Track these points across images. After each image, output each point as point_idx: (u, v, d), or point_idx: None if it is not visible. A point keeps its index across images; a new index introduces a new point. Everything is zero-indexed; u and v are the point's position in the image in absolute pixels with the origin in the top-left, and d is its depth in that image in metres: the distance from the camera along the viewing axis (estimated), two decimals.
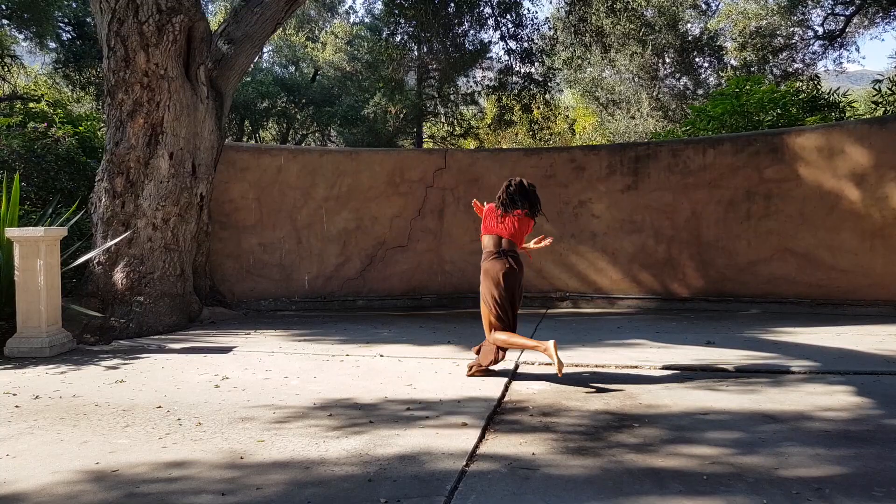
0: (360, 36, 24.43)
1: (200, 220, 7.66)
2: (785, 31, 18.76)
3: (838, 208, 7.75)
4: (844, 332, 6.28)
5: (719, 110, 10.62)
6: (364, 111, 21.97)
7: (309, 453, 3.08)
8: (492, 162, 9.15)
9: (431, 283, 9.07)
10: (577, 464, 2.94)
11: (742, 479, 2.73)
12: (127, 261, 6.87)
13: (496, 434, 3.39)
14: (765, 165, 8.12)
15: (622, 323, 7.25)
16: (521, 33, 14.27)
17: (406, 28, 14.78)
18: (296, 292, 8.74)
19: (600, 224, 8.76)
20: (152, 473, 2.86)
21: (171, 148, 7.10)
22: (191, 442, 3.26)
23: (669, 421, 3.56)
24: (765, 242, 8.12)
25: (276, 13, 8.09)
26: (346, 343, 6.05)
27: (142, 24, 6.82)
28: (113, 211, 6.95)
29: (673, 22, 20.17)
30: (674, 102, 22.73)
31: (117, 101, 6.98)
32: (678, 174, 8.50)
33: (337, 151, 9.43)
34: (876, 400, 3.90)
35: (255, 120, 21.79)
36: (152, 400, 4.07)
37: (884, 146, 7.52)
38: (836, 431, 3.34)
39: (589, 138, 27.66)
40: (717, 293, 8.30)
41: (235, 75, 8.15)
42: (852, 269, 7.68)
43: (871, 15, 17.48)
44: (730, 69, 20.70)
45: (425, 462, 2.95)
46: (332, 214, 8.84)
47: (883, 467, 2.85)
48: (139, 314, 6.69)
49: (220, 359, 5.36)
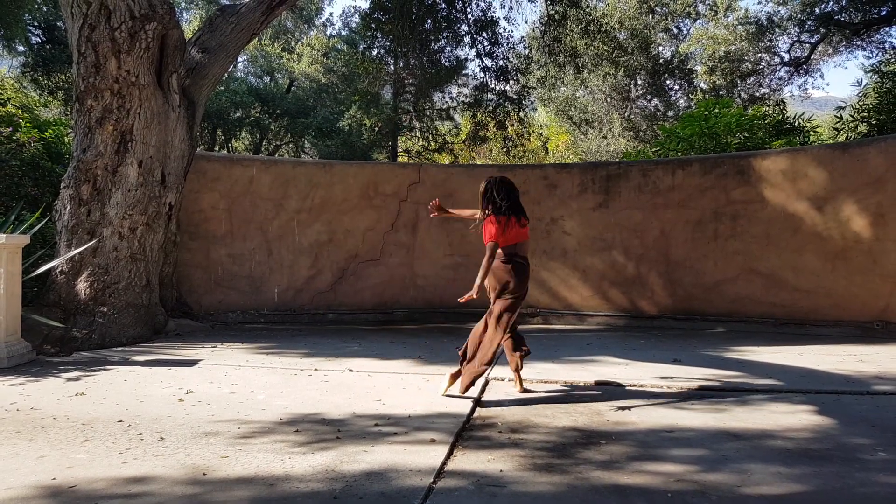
0: (337, 48, 24.47)
1: (168, 230, 7.55)
2: (753, 56, 19.27)
3: (802, 230, 7.94)
4: (807, 352, 6.41)
5: (689, 132, 10.83)
6: (339, 124, 21.94)
7: (274, 469, 3.03)
8: (466, 177, 9.20)
9: (403, 297, 9.05)
10: (544, 480, 2.95)
11: (705, 497, 2.76)
12: (91, 270, 6.72)
13: (465, 450, 3.37)
14: (732, 187, 8.29)
15: (591, 340, 7.31)
16: (496, 51, 14.41)
17: (383, 42, 14.82)
18: (265, 305, 8.64)
19: (572, 241, 8.84)
20: (111, 489, 2.79)
21: (140, 156, 7.00)
22: (152, 457, 3.19)
23: (636, 438, 3.59)
24: (731, 262, 8.28)
25: (252, 23, 8.06)
26: (314, 357, 5.99)
27: (114, 31, 6.73)
28: (78, 219, 6.81)
29: (645, 45, 20.58)
30: (645, 123, 23.15)
31: (86, 107, 6.87)
32: (648, 194, 8.63)
33: (311, 163, 9.39)
34: (836, 419, 3.98)
35: (227, 129, 21.60)
36: (113, 414, 3.98)
37: (845, 171, 7.74)
38: (797, 450, 3.39)
39: (562, 156, 27.98)
40: (684, 311, 8.42)
41: (209, 84, 8.08)
42: (815, 290, 7.86)
43: (835, 43, 18.05)
44: (699, 92, 21.17)
45: (392, 479, 2.93)
46: (304, 226, 8.79)
47: (841, 485, 2.90)
48: (102, 325, 6.54)
49: (185, 372, 5.26)
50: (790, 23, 17.83)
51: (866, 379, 5.12)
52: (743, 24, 19.14)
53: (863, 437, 3.60)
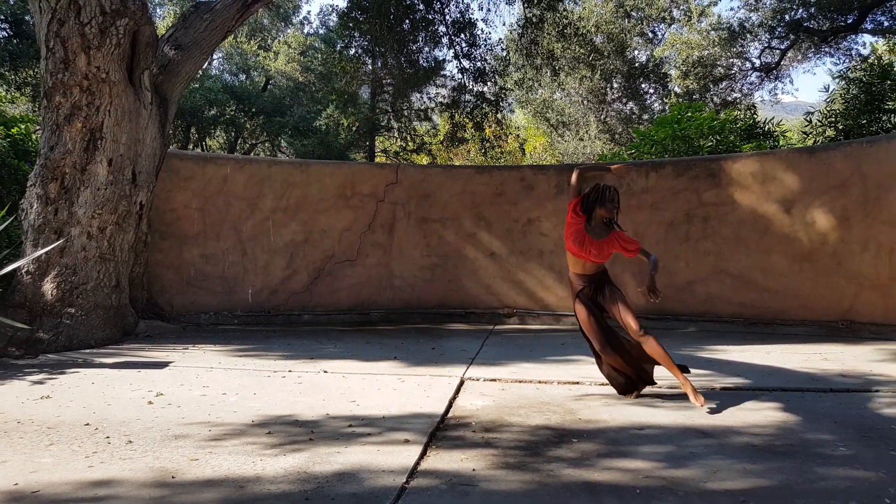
0: (314, 47, 24.32)
1: (139, 230, 7.44)
2: (725, 61, 19.59)
3: (770, 232, 8.08)
4: (774, 351, 6.53)
5: (662, 135, 10.96)
6: (316, 123, 21.82)
7: (244, 471, 3.00)
8: (444, 178, 9.21)
9: (380, 297, 9.02)
10: (516, 479, 2.96)
11: (673, 493, 2.80)
12: (58, 270, 6.60)
13: (438, 450, 3.38)
14: (703, 189, 8.42)
15: (566, 339, 7.36)
16: (474, 53, 14.46)
17: (360, 42, 14.78)
18: (239, 306, 8.56)
19: (548, 242, 8.90)
20: (76, 493, 2.74)
21: (110, 154, 6.88)
22: (119, 461, 3.14)
23: (606, 436, 3.63)
24: (702, 263, 8.40)
25: (227, 21, 7.97)
26: (289, 358, 5.94)
27: (84, 26, 6.62)
28: (45, 218, 6.67)
29: (621, 48, 20.80)
30: (620, 126, 23.39)
31: (54, 103, 6.73)
32: (622, 195, 8.70)
33: (286, 163, 9.32)
34: (800, 416, 4.06)
35: (202, 128, 21.36)
36: (80, 417, 3.91)
37: (813, 174, 7.89)
38: (762, 446, 3.46)
39: (539, 158, 28.15)
40: (657, 311, 8.51)
41: (182, 82, 7.98)
42: (782, 291, 8.01)
43: (805, 50, 18.44)
44: (673, 96, 21.46)
45: (365, 479, 2.92)
46: (279, 226, 8.72)
47: (803, 480, 2.96)
48: (70, 327, 6.42)
49: (155, 374, 5.19)
50: (761, 29, 18.16)
51: (830, 377, 5.23)
52: (716, 30, 19.45)
53: (825, 433, 3.69)
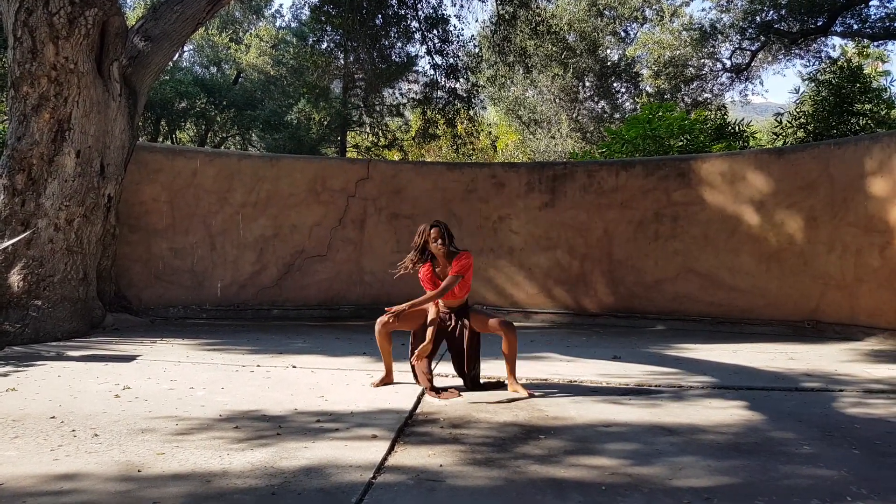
0: (286, 41, 24.08)
1: (107, 222, 7.32)
2: (696, 62, 19.85)
3: (738, 232, 8.24)
4: (741, 350, 6.67)
5: (633, 134, 11.10)
6: (287, 117, 21.61)
7: (211, 466, 2.99)
8: (415, 174, 9.21)
9: (350, 293, 9.00)
10: (482, 475, 2.99)
11: (638, 490, 2.85)
12: (25, 262, 6.47)
13: (405, 446, 3.40)
14: (673, 189, 8.55)
15: (535, 336, 7.42)
16: (447, 49, 14.47)
17: (332, 36, 14.71)
18: (207, 300, 8.47)
19: (518, 239, 8.96)
20: (40, 486, 2.70)
21: (78, 145, 6.76)
22: (85, 454, 3.11)
23: (574, 433, 3.68)
24: (671, 262, 8.53)
25: (198, 13, 7.87)
26: (257, 353, 5.91)
27: (52, 16, 6.48)
28: (12, 209, 6.54)
29: (593, 47, 20.96)
30: (592, 124, 23.57)
31: (22, 93, 6.60)
32: (593, 194, 8.82)
33: (257, 157, 9.24)
34: (765, 414, 4.15)
35: (172, 120, 21.02)
36: (46, 410, 3.84)
37: (781, 175, 8.06)
38: (727, 443, 3.53)
39: (511, 155, 28.24)
40: (625, 309, 8.64)
41: (151, 74, 7.86)
42: (750, 290, 8.17)
43: (775, 52, 18.78)
44: (645, 95, 21.69)
45: (332, 474, 2.93)
46: (249, 221, 8.64)
47: (766, 477, 3.04)
48: (36, 319, 6.30)
49: (123, 367, 5.12)
50: (732, 30, 18.43)
51: (795, 376, 5.35)
52: (687, 30, 19.70)
53: (790, 431, 3.77)
